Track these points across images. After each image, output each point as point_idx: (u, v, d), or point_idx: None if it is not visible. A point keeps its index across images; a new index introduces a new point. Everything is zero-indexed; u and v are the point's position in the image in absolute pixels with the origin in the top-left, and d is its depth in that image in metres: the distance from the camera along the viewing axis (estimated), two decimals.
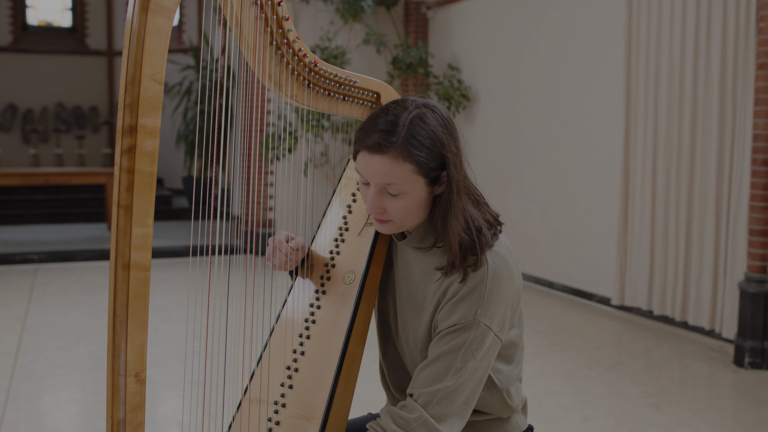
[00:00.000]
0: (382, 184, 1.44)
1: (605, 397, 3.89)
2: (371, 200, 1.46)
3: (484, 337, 1.44)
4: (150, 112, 1.26)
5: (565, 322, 5.40)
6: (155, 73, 1.26)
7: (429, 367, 1.44)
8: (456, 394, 1.42)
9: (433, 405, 1.40)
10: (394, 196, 1.44)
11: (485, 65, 7.24)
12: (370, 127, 1.44)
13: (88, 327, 5.15)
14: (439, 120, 1.44)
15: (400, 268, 1.60)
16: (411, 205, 1.45)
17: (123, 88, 1.25)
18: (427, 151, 1.41)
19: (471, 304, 1.43)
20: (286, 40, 1.49)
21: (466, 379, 1.42)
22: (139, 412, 1.29)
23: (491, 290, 1.44)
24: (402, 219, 1.48)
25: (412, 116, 1.43)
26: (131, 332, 1.27)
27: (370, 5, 7.31)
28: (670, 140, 5.08)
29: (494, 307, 1.44)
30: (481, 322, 1.43)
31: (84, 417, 3.58)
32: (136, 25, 1.24)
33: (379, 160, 1.42)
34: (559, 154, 6.28)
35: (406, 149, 1.40)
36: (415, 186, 1.43)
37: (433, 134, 1.42)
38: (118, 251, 1.26)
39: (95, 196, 10.55)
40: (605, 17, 5.74)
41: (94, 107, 13.15)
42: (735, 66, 4.61)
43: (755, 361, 4.34)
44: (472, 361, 1.42)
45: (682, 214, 5.00)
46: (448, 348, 1.43)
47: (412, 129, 1.41)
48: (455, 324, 1.44)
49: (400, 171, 1.41)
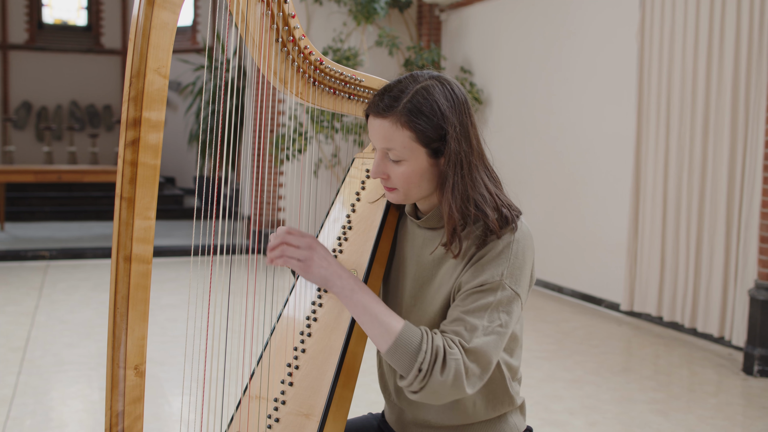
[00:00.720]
0: (383, 149, 1.49)
1: (612, 403, 3.87)
2: (375, 164, 1.51)
3: (511, 301, 1.43)
4: (154, 106, 1.27)
5: (573, 327, 5.38)
6: (160, 66, 1.27)
7: (455, 323, 1.40)
8: (481, 353, 1.37)
9: (466, 357, 1.36)
10: (396, 162, 1.48)
11: (497, 69, 7.23)
12: (381, 92, 1.49)
13: (97, 324, 5.17)
14: (446, 94, 1.48)
15: (408, 256, 1.60)
16: (412, 174, 1.48)
17: (128, 82, 1.26)
18: (426, 120, 1.45)
19: (498, 265, 1.43)
20: (292, 37, 1.49)
21: (493, 341, 1.39)
22: (138, 404, 1.29)
23: (517, 254, 1.45)
24: (405, 188, 1.50)
25: (419, 87, 1.47)
26: (131, 324, 1.27)
27: (383, 7, 7.32)
28: (681, 145, 5.06)
29: (519, 271, 1.45)
30: (507, 285, 1.42)
31: (90, 412, 3.60)
32: (142, 19, 1.25)
33: (380, 123, 1.47)
34: (569, 158, 6.26)
35: (406, 116, 1.45)
36: (415, 154, 1.47)
37: (435, 105, 1.46)
38: (119, 243, 1.27)
39: (107, 194, 10.60)
40: (618, 22, 5.72)
41: (108, 106, 13.21)
42: (748, 71, 4.59)
43: (764, 369, 4.31)
44: (497, 322, 1.40)
45: (692, 220, 4.97)
46: (476, 306, 1.41)
47: (414, 98, 1.46)
48: (482, 284, 1.42)
49: (398, 137, 1.45)
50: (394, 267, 1.64)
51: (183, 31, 13.19)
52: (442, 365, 1.34)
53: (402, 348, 1.35)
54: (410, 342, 1.35)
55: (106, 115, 13.22)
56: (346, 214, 1.70)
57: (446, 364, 1.34)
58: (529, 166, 6.77)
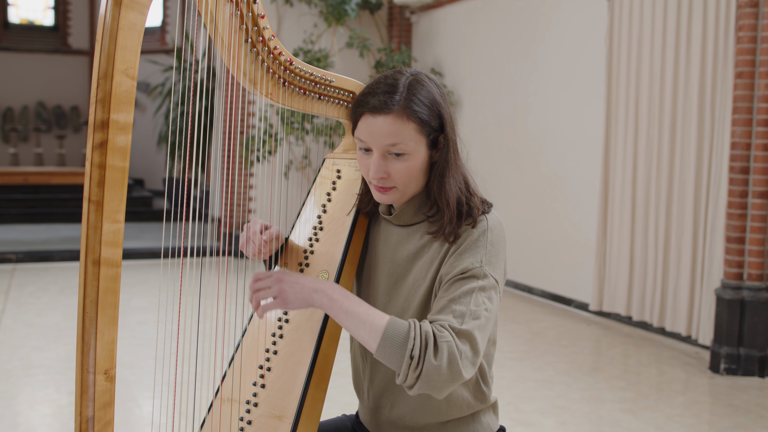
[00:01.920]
0: (387, 145, 1.48)
1: (582, 402, 3.90)
2: (375, 165, 1.49)
3: (492, 288, 1.44)
4: (122, 108, 1.25)
5: (544, 328, 5.42)
6: (128, 68, 1.26)
7: (443, 311, 1.40)
8: (472, 338, 1.36)
9: (458, 340, 1.35)
10: (399, 157, 1.49)
11: (468, 70, 7.26)
12: (370, 92, 1.50)
13: (65, 327, 5.10)
14: (433, 84, 1.53)
15: (385, 255, 1.60)
16: (414, 168, 1.50)
17: (95, 83, 1.25)
18: (428, 110, 1.49)
19: (476, 252, 1.45)
20: (261, 37, 1.48)
21: (482, 324, 1.38)
22: (108, 409, 1.28)
23: (492, 241, 1.48)
24: (405, 183, 1.51)
25: (410, 79, 1.50)
26: (101, 329, 1.26)
27: (354, 9, 7.32)
28: (649, 147, 5.12)
29: (495, 259, 1.47)
30: (487, 272, 1.44)
31: (59, 417, 3.55)
32: (109, 20, 1.24)
33: (384, 119, 1.47)
34: (539, 160, 6.30)
35: (409, 107, 1.47)
36: (419, 145, 1.49)
37: (431, 95, 1.50)
38: (88, 247, 1.26)
39: (75, 196, 10.47)
40: (587, 25, 5.78)
41: (75, 107, 13.07)
42: (714, 75, 4.66)
43: (730, 367, 4.37)
44: (483, 306, 1.40)
45: (660, 221, 5.03)
46: (461, 292, 1.41)
47: (412, 89, 1.48)
48: (464, 271, 1.44)
49: (405, 129, 1.47)
50: (366, 265, 1.65)
51: (152, 31, 13.08)
52: (435, 349, 1.32)
53: (390, 340, 1.33)
54: (397, 333, 1.33)
55: (74, 116, 13.07)
56: (317, 214, 1.70)
57: (438, 346, 1.32)
58: (499, 168, 6.80)
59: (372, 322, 1.35)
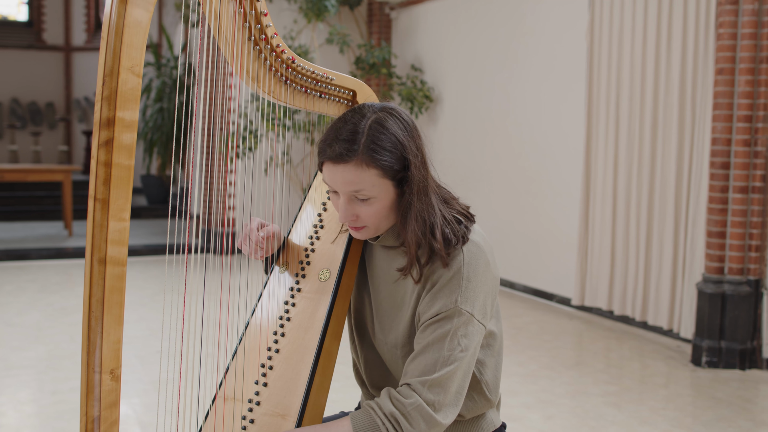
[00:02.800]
0: (350, 192, 1.46)
1: (567, 396, 3.93)
2: (343, 209, 1.48)
3: (468, 324, 1.45)
4: (128, 105, 1.25)
5: (526, 322, 5.46)
6: (134, 65, 1.25)
7: (417, 359, 1.45)
8: (448, 383, 1.43)
9: (426, 393, 1.42)
10: (364, 201, 1.46)
11: (448, 67, 7.28)
12: (331, 138, 1.46)
13: (46, 326, 5.05)
14: (398, 123, 1.47)
15: (375, 267, 1.60)
16: (382, 209, 1.47)
17: (101, 81, 1.24)
18: (390, 155, 1.44)
19: (450, 293, 1.45)
20: (264, 35, 1.48)
21: (456, 368, 1.44)
22: (114, 409, 1.27)
23: (469, 276, 1.46)
24: (376, 223, 1.50)
25: (371, 122, 1.45)
26: (107, 328, 1.25)
27: (333, 5, 7.30)
28: (631, 143, 5.16)
29: (473, 293, 1.46)
30: (462, 309, 1.45)
31: (43, 417, 3.52)
32: (114, 17, 1.23)
33: (343, 169, 1.44)
34: (521, 156, 6.33)
35: (369, 155, 1.42)
36: (383, 189, 1.46)
37: (394, 138, 1.45)
38: (94, 246, 1.25)
39: (51, 194, 10.35)
40: (568, 21, 5.81)
41: (51, 103, 12.92)
42: (695, 71, 4.71)
43: (712, 360, 4.43)
44: (458, 349, 1.44)
45: (642, 216, 5.08)
46: (434, 338, 1.44)
47: (372, 135, 1.43)
48: (437, 314, 1.45)
49: (366, 177, 1.43)
50: (366, 278, 1.64)
51: None
52: (407, 420, 1.40)
53: None
54: (365, 428, 1.41)
55: (49, 113, 12.92)
56: (317, 212, 1.70)
57: (409, 416, 1.40)
58: (480, 163, 6.83)
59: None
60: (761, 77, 4.29)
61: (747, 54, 4.30)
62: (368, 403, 1.44)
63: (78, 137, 12.93)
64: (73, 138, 12.99)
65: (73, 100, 12.97)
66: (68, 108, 13.05)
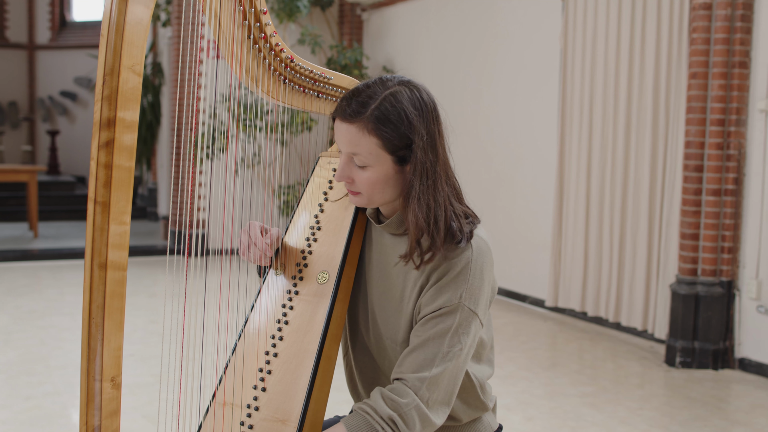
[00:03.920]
0: (349, 153, 1.47)
1: (546, 398, 3.94)
2: (341, 168, 1.49)
3: (470, 322, 1.45)
4: (129, 105, 1.22)
5: (502, 324, 5.47)
6: (134, 64, 1.22)
7: (415, 352, 1.44)
8: (443, 380, 1.42)
9: (422, 391, 1.40)
10: (361, 167, 1.47)
11: (421, 69, 7.27)
12: (349, 96, 1.47)
13: (14, 330, 4.94)
14: (414, 101, 1.47)
15: (375, 261, 1.58)
16: (376, 180, 1.46)
17: (101, 80, 1.20)
18: (393, 128, 1.43)
19: (456, 288, 1.44)
20: (263, 34, 1.46)
21: (454, 365, 1.43)
22: (115, 418, 1.24)
23: (475, 273, 1.45)
24: (369, 193, 1.48)
25: (388, 93, 1.45)
26: (107, 335, 1.22)
27: (305, 5, 7.26)
28: (604, 146, 5.20)
29: (478, 291, 1.46)
30: (466, 306, 1.44)
31: (17, 424, 3.43)
32: (115, 14, 1.19)
33: (347, 128, 1.45)
34: (494, 158, 6.35)
35: (373, 123, 1.43)
36: (380, 161, 1.45)
37: (403, 113, 1.44)
38: (94, 250, 1.21)
39: (15, 195, 10.14)
40: (541, 24, 5.84)
41: (14, 102, 12.67)
42: (668, 75, 4.75)
43: (686, 360, 4.47)
44: (458, 346, 1.43)
45: (616, 218, 5.12)
46: (434, 333, 1.43)
47: (382, 105, 1.44)
48: (441, 308, 1.44)
49: (365, 143, 1.44)
50: (361, 273, 1.62)
51: (93, 25, 12.78)
52: (405, 422, 1.39)
53: None
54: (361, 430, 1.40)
55: (12, 112, 12.67)
56: (314, 214, 1.67)
57: (406, 417, 1.39)
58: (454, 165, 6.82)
59: None
60: (734, 81, 4.35)
61: (720, 59, 4.35)
62: (361, 407, 1.41)
63: (42, 137, 12.70)
64: (36, 138, 12.76)
65: (36, 99, 12.74)
66: (32, 107, 12.81)
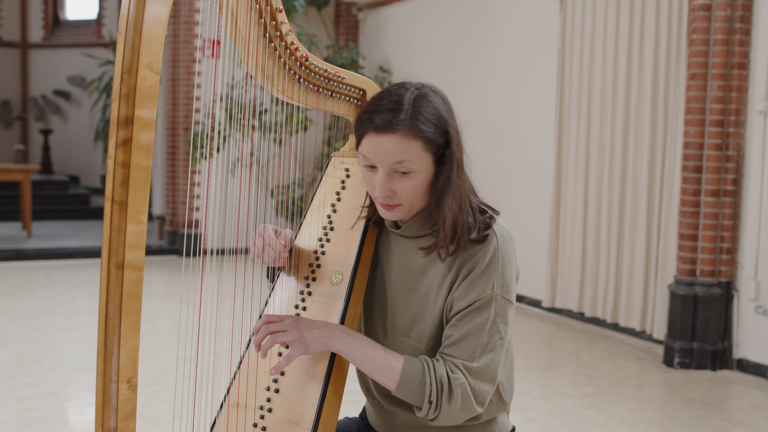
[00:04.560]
0: (393, 164, 1.43)
1: (545, 398, 3.94)
2: (381, 184, 1.45)
3: (506, 310, 1.47)
4: (146, 103, 1.20)
5: None
6: (152, 62, 1.20)
7: (456, 346, 1.45)
8: (487, 372, 1.44)
9: (471, 380, 1.43)
10: (405, 175, 1.44)
11: (417, 69, 7.27)
12: (374, 109, 1.44)
13: (10, 330, 4.91)
14: (439, 98, 1.48)
15: (394, 263, 1.57)
16: (421, 184, 1.46)
17: (118, 77, 1.19)
18: (434, 127, 1.44)
19: (488, 279, 1.45)
20: (279, 32, 1.44)
21: (496, 355, 1.45)
22: (131, 420, 1.22)
23: (504, 261, 1.48)
24: (411, 201, 1.48)
25: (415, 95, 1.45)
26: (124, 336, 1.20)
27: (301, 5, 7.24)
28: (602, 146, 5.20)
29: (509, 278, 1.48)
30: (500, 295, 1.46)
31: (14, 425, 3.41)
32: (133, 12, 1.18)
33: (389, 139, 1.42)
34: (492, 158, 6.35)
35: (415, 125, 1.42)
36: (425, 163, 1.45)
37: (437, 111, 1.45)
38: (111, 250, 1.20)
39: (8, 194, 10.09)
40: (539, 24, 5.84)
41: (6, 101, 12.61)
42: (667, 76, 4.76)
43: (684, 361, 4.48)
44: (498, 336, 1.45)
45: (614, 218, 5.13)
46: (473, 327, 1.44)
47: (417, 106, 1.43)
48: (475, 301, 1.45)
49: (411, 148, 1.42)
50: (377, 273, 1.61)
51: (87, 24, 12.73)
52: (449, 393, 1.40)
53: (408, 385, 1.41)
54: (414, 377, 1.41)
55: (4, 111, 12.61)
56: (327, 214, 1.66)
57: (452, 391, 1.40)
58: None
59: (390, 365, 1.43)
60: (733, 83, 4.36)
61: (719, 60, 4.36)
62: (425, 357, 1.44)
63: (35, 136, 12.64)
64: (29, 137, 12.70)
65: (29, 98, 12.68)
66: (25, 106, 12.75)
